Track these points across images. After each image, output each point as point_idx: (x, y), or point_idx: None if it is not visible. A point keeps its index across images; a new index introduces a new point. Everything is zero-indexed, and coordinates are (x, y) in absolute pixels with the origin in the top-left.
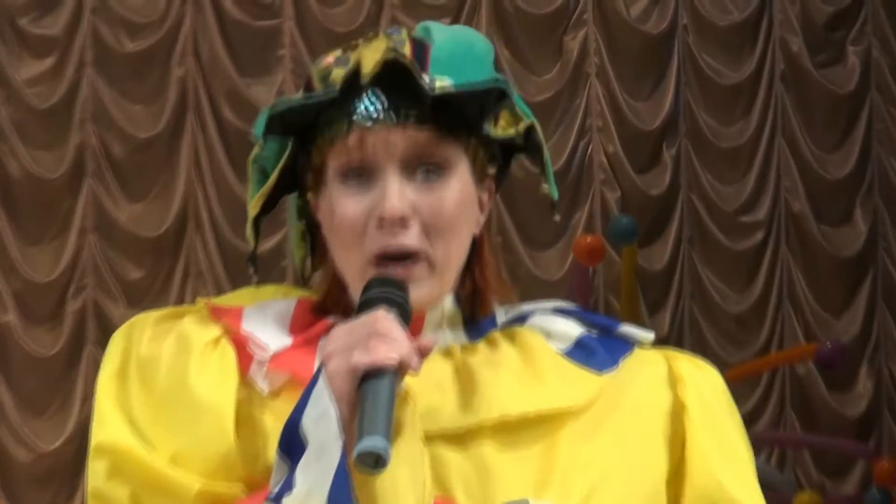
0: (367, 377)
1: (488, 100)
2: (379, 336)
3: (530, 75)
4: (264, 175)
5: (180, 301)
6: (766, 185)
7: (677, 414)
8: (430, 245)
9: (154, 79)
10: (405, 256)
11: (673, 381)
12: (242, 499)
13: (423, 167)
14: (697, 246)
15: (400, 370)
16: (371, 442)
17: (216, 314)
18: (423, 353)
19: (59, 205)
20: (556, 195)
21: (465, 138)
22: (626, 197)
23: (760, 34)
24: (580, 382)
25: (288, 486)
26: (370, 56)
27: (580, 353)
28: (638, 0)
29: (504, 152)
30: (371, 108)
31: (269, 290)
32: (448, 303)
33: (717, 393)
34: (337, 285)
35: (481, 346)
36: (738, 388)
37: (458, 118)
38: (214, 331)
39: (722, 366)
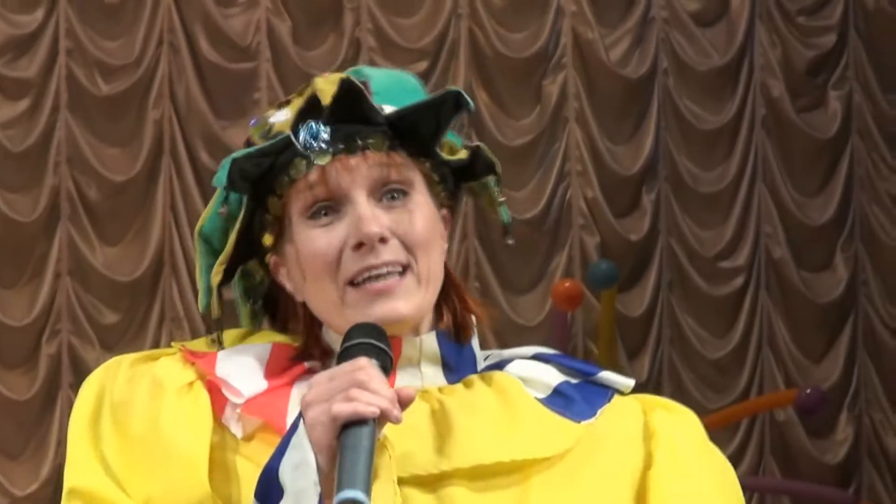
0: (347, 426)
1: (443, 112)
2: (360, 386)
3: (509, 119)
4: (210, 246)
5: (156, 345)
6: (747, 231)
7: (646, 469)
8: (412, 258)
9: (130, 121)
10: (389, 273)
11: (647, 435)
12: None
13: (388, 191)
14: (677, 291)
15: (380, 420)
16: (351, 494)
17: (190, 357)
18: (404, 404)
19: (34, 248)
20: (506, 216)
21: (421, 162)
22: (605, 242)
23: (741, 78)
24: (557, 430)
25: None
26: (320, 81)
27: (558, 401)
28: (618, 44)
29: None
30: (326, 142)
31: (244, 332)
32: (428, 339)
33: (691, 441)
34: (315, 326)
35: (458, 388)
36: (718, 434)
37: (412, 141)
38: (189, 375)
39: (701, 411)
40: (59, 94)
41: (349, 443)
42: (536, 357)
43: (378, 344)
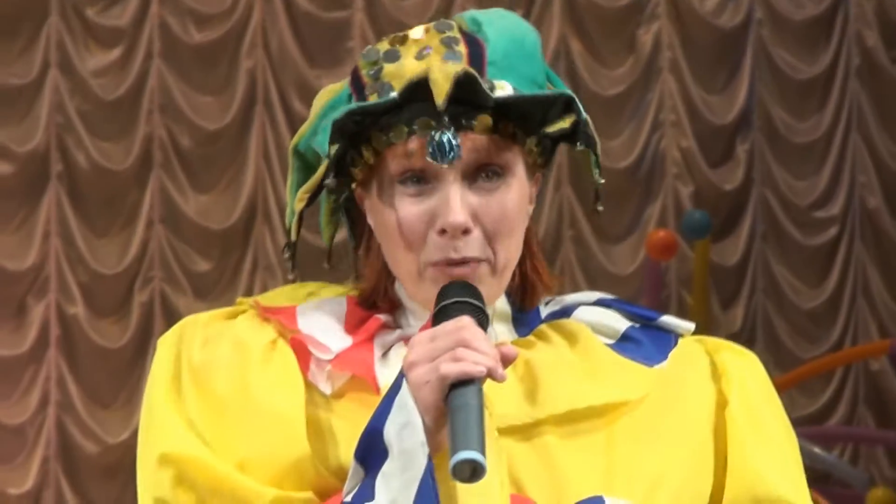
0: (455, 387)
1: (551, 111)
2: (465, 345)
3: (603, 69)
4: (305, 163)
5: (249, 293)
6: (841, 181)
7: (721, 409)
8: (491, 251)
9: (222, 70)
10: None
11: (717, 375)
12: None
13: (484, 171)
14: (771, 241)
15: (486, 378)
16: (469, 454)
17: (267, 314)
18: (507, 362)
19: (127, 196)
20: (599, 185)
21: (523, 140)
22: (699, 191)
23: (835, 28)
24: (633, 376)
25: (367, 495)
26: (437, 69)
27: (628, 346)
28: None
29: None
30: (431, 115)
31: (310, 286)
32: (500, 302)
33: (758, 383)
34: (385, 279)
35: (532, 340)
36: (811, 384)
37: (518, 122)
38: (269, 332)
39: (795, 361)
40: (151, 42)
41: (459, 403)
42: (599, 303)
43: (475, 302)
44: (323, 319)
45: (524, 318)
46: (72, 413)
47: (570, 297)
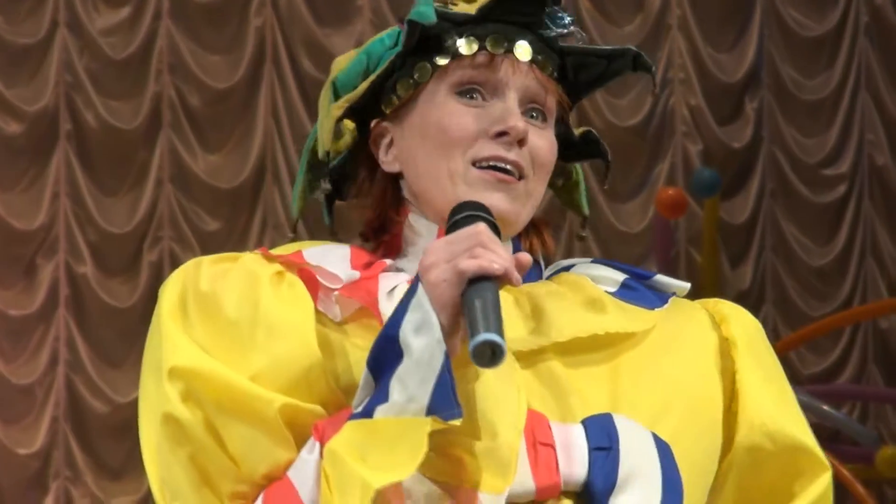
0: (471, 283)
1: (614, 65)
2: (483, 245)
3: (611, 27)
4: (338, 95)
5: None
6: (850, 138)
7: (725, 350)
8: (532, 174)
9: (231, 29)
10: (509, 171)
11: (716, 322)
12: (324, 420)
13: (533, 108)
14: (780, 199)
15: (501, 280)
16: (490, 336)
17: (272, 256)
18: (522, 268)
19: (136, 155)
20: (586, 212)
21: (561, 102)
22: (708, 150)
23: None
24: (636, 314)
25: (381, 398)
26: None
27: (628, 293)
28: None
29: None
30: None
31: (311, 242)
32: (507, 247)
33: (758, 331)
34: (389, 205)
35: (535, 284)
36: (821, 342)
37: (566, 77)
38: (275, 266)
39: (804, 319)
40: (160, 1)
41: (477, 294)
42: (596, 261)
43: (489, 217)
44: (330, 255)
45: (529, 271)
46: (81, 373)
47: (567, 261)
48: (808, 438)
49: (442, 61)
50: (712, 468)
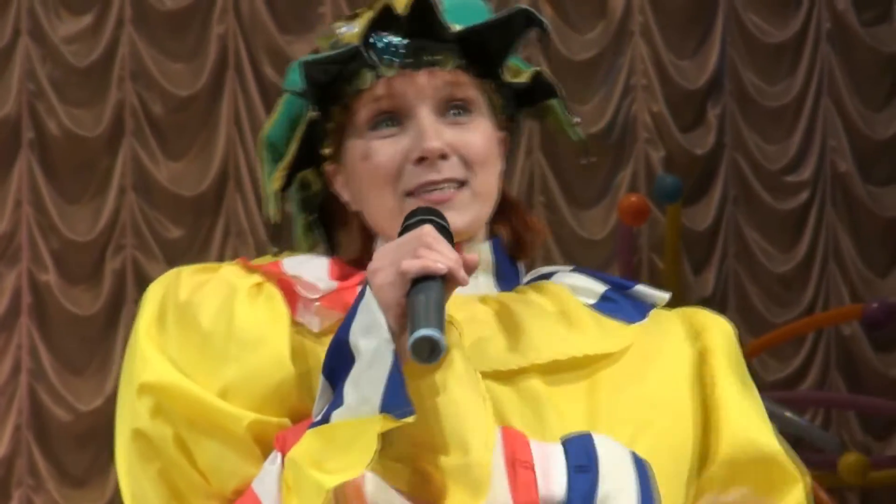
0: (415, 284)
1: (513, 30)
2: (427, 245)
3: (574, 34)
4: (277, 152)
5: (220, 260)
6: (812, 145)
7: (703, 363)
8: (471, 175)
9: (194, 36)
10: (447, 186)
11: (694, 333)
12: (287, 430)
13: (452, 107)
14: (742, 205)
15: (448, 280)
16: (427, 331)
17: (252, 267)
18: (469, 267)
19: (99, 163)
20: (580, 136)
21: (484, 81)
22: (670, 156)
23: None
24: (615, 330)
25: (336, 402)
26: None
27: (607, 306)
28: None
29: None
30: (395, 55)
31: (294, 253)
32: (484, 249)
33: (734, 341)
34: (368, 238)
35: (514, 295)
36: (783, 349)
37: (478, 61)
38: (255, 278)
39: (766, 326)
40: (123, 8)
41: (419, 292)
42: (576, 270)
43: (438, 220)
44: (309, 266)
45: (508, 275)
46: (44, 381)
47: (547, 268)
48: (781, 449)
49: (347, 101)
50: (691, 483)
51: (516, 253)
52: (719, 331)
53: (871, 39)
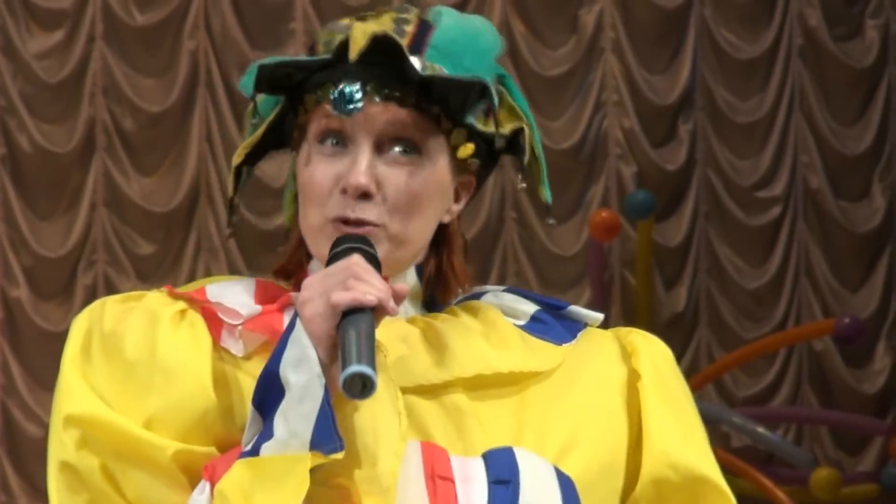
0: (346, 316)
1: (470, 93)
2: (356, 277)
3: (545, 49)
4: (261, 121)
5: (192, 276)
6: (784, 160)
7: (632, 384)
8: (389, 219)
9: (165, 52)
10: (360, 225)
11: (626, 354)
12: (216, 460)
13: (399, 144)
14: (714, 221)
15: (377, 311)
16: (358, 368)
17: (177, 293)
18: (399, 297)
19: (70, 179)
20: (549, 198)
21: (448, 126)
22: (641, 172)
23: (777, 8)
24: (543, 350)
25: (266, 435)
26: (358, 28)
27: (537, 326)
28: None
29: (492, 150)
30: (355, 81)
31: (223, 277)
32: (410, 275)
33: (668, 362)
34: (301, 247)
35: (441, 315)
36: (755, 364)
37: (443, 105)
38: (179, 305)
39: (738, 341)
40: (94, 24)
41: (349, 326)
42: (508, 290)
43: (367, 248)
44: (232, 291)
45: (433, 301)
46: (15, 396)
47: (479, 288)
48: (712, 470)
49: (308, 108)
50: (622, 502)
51: (435, 290)
52: (651, 351)
53: (843, 55)
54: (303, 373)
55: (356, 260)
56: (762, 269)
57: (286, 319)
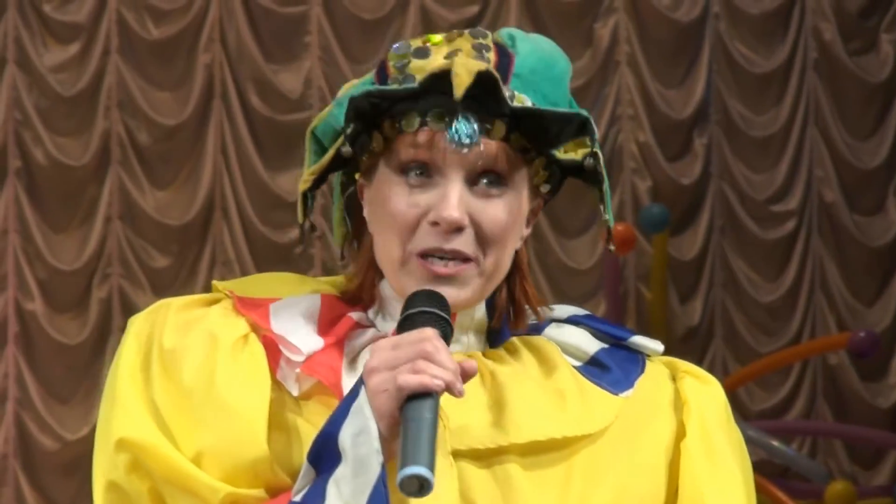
0: (411, 399)
1: (568, 127)
2: (426, 357)
3: None
4: (321, 147)
5: (207, 289)
6: (799, 174)
7: (679, 439)
8: (481, 254)
9: (180, 66)
10: (454, 257)
11: (678, 403)
12: (266, 502)
13: (488, 177)
14: (729, 235)
15: (443, 393)
16: (417, 469)
17: (242, 307)
18: (467, 377)
19: (85, 192)
20: (612, 222)
21: (532, 156)
22: (657, 186)
23: (792, 22)
24: (599, 405)
25: (318, 495)
26: (460, 64)
27: (595, 370)
28: None
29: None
30: (447, 112)
31: (288, 277)
32: (479, 309)
33: (718, 413)
34: (372, 275)
35: (502, 354)
36: (770, 378)
37: (530, 136)
38: (242, 326)
39: (753, 355)
40: (109, 38)
41: (413, 415)
42: (570, 320)
43: (441, 314)
44: (295, 319)
45: (498, 333)
46: (30, 409)
47: (547, 309)
48: None
49: (391, 134)
50: None
51: (507, 319)
52: (700, 403)
53: (858, 69)
54: (361, 446)
55: (429, 335)
56: (777, 283)
57: (346, 353)
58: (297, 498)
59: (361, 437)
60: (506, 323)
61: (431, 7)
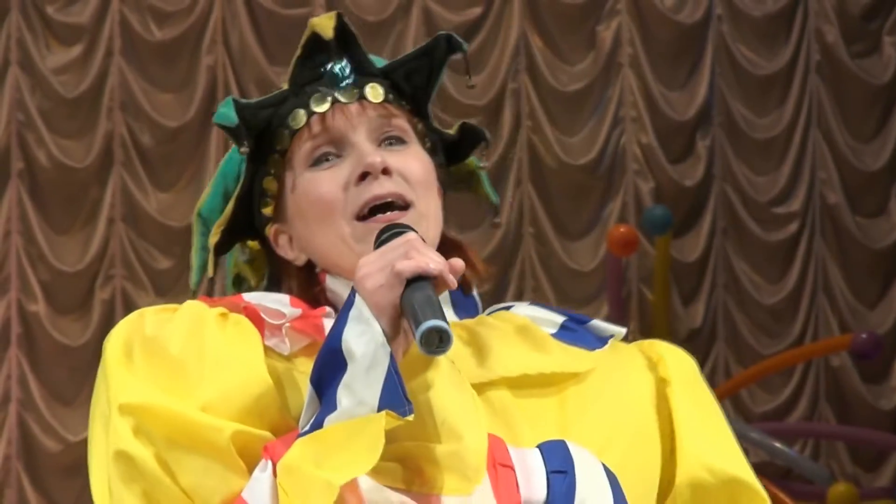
0: (408, 285)
1: (436, 57)
2: (416, 249)
3: (563, 65)
4: (207, 227)
5: (209, 291)
6: (801, 176)
7: (661, 391)
8: (414, 196)
9: (183, 67)
10: (392, 206)
11: (652, 364)
12: (275, 440)
13: (386, 138)
14: (731, 237)
15: (437, 283)
16: (434, 322)
17: (214, 301)
18: (456, 272)
19: (88, 194)
20: (496, 200)
21: (413, 119)
22: (659, 188)
23: (795, 24)
24: (577, 355)
25: (328, 408)
26: (314, 21)
27: (568, 335)
28: None
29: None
30: (325, 92)
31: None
32: None
33: (693, 370)
34: (312, 288)
35: (474, 322)
36: (773, 380)
37: (406, 98)
38: (219, 309)
39: (756, 357)
40: (112, 39)
41: (416, 290)
42: (534, 304)
43: (416, 231)
44: (268, 298)
45: (465, 305)
46: (33, 411)
47: (505, 304)
48: (746, 471)
49: (285, 145)
50: None
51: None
52: (674, 361)
53: (861, 71)
54: (368, 343)
55: (413, 236)
56: (779, 285)
57: (328, 325)
58: (307, 428)
59: (365, 337)
60: (473, 303)
61: (434, 9)
